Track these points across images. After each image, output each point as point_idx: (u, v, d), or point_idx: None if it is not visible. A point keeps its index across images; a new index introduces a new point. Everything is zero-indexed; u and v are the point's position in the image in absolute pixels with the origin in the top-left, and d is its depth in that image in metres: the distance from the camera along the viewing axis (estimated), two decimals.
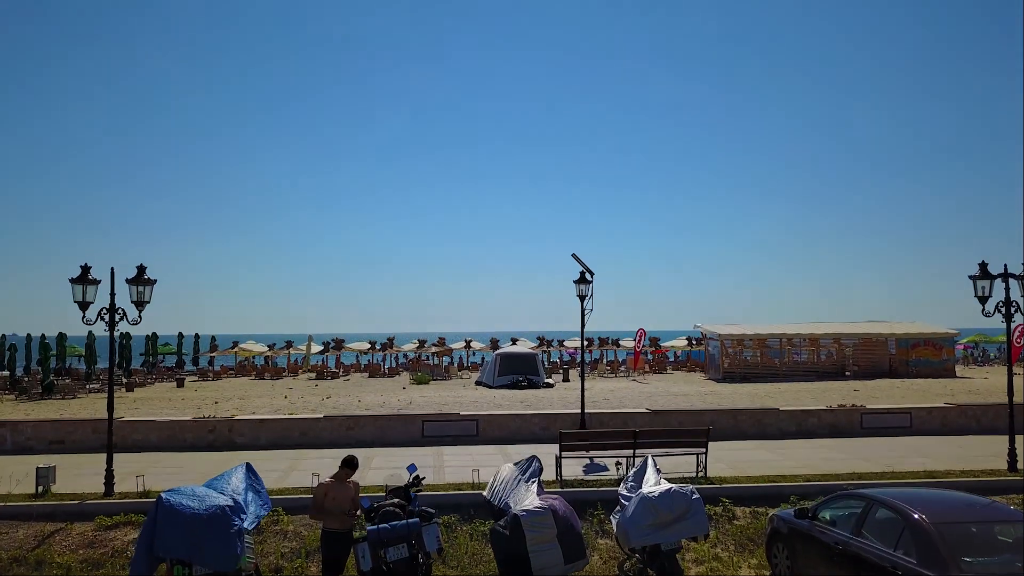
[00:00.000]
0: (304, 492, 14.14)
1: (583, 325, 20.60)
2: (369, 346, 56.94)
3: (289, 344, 56.68)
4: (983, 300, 15.72)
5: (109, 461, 14.12)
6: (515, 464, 11.28)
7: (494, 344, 57.09)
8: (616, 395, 36.74)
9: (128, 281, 14.33)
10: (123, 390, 41.88)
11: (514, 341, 58.47)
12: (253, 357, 56.03)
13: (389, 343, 55.32)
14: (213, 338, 60.98)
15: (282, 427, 20.03)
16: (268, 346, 56.29)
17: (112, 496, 13.84)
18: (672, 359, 64.24)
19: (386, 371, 51.88)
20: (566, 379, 44.84)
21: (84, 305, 14.13)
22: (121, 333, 56.83)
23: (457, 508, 13.50)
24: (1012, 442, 15.78)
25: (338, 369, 53.18)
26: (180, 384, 44.86)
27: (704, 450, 15.26)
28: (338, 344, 55.59)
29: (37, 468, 14.13)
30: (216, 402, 35.02)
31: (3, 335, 51.97)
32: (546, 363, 55.16)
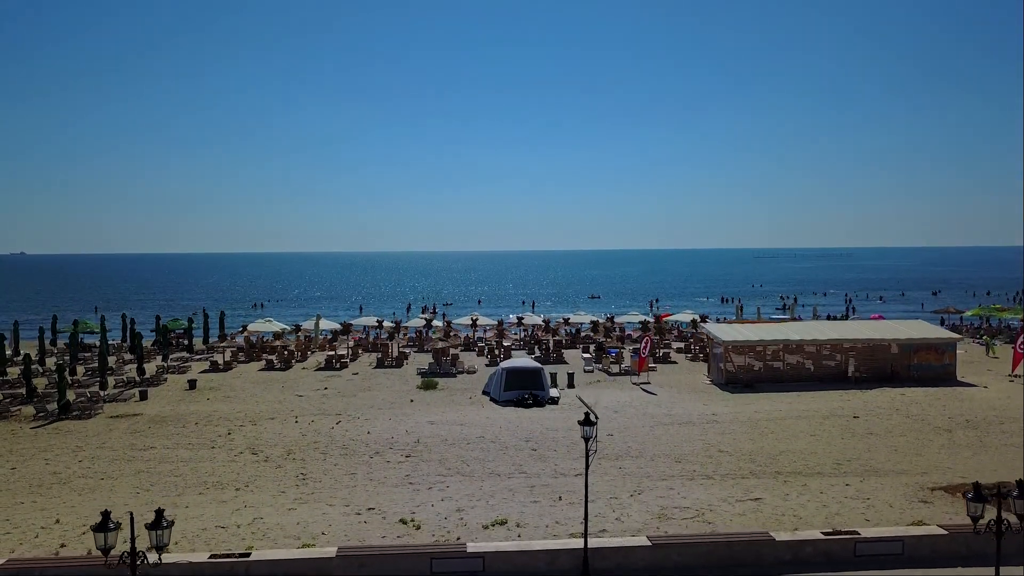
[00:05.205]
0: None
1: (587, 467, 21.35)
2: (377, 323, 57.68)
3: (297, 328, 57.41)
4: (975, 520, 16.08)
5: None
6: None
7: (499, 329, 57.79)
8: (619, 421, 37.70)
9: (147, 527, 14.79)
10: (137, 398, 42.93)
11: (520, 320, 59.18)
12: (263, 335, 56.91)
13: (396, 327, 56.03)
14: (222, 314, 61.74)
15: (298, 568, 20.86)
16: (275, 334, 57.05)
17: None
18: (676, 330, 64.99)
19: (393, 360, 52.84)
20: (571, 384, 45.68)
21: (106, 551, 14.66)
22: (130, 319, 57.56)
23: None
24: None
25: (346, 354, 54.12)
26: (192, 386, 45.89)
27: None
28: (346, 328, 56.31)
29: None
30: (229, 432, 36.10)
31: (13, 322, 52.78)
32: (550, 341, 55.86)
